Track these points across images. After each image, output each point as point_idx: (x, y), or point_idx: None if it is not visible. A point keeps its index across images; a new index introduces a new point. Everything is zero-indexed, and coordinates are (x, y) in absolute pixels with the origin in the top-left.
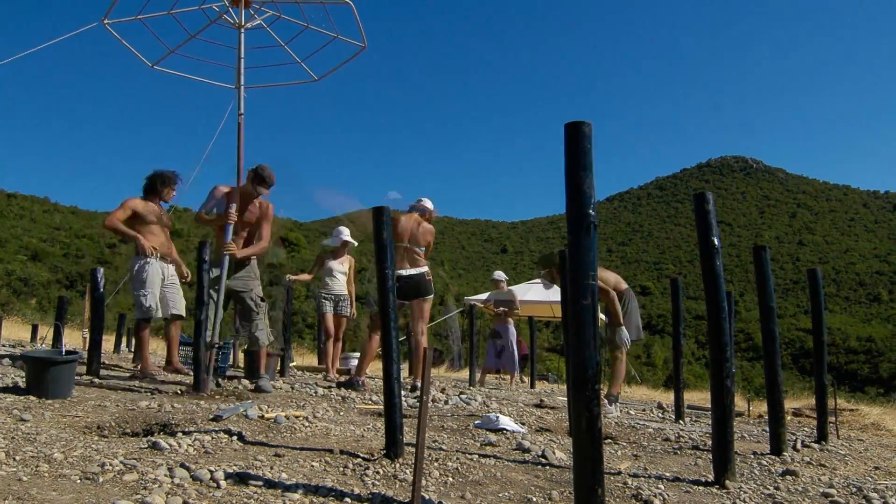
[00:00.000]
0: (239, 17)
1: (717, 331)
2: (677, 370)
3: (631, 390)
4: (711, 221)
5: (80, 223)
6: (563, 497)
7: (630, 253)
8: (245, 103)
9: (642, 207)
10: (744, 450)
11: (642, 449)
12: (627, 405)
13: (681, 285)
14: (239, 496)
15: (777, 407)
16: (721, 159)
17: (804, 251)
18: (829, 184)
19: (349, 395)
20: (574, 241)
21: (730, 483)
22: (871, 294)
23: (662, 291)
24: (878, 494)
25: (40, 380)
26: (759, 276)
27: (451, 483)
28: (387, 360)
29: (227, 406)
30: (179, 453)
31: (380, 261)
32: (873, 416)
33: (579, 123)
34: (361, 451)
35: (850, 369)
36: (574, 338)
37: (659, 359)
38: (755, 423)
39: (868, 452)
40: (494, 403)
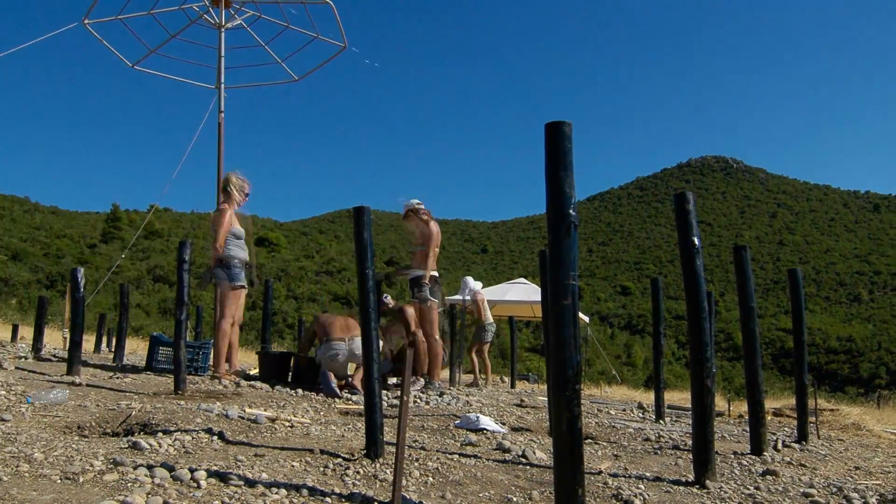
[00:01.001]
0: (219, 17)
1: (698, 331)
2: (657, 370)
3: (611, 390)
4: (692, 221)
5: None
6: (544, 497)
7: (610, 253)
8: (225, 103)
9: (623, 207)
10: (724, 450)
11: (623, 449)
12: (608, 405)
13: (661, 285)
14: (219, 496)
15: (757, 407)
16: (702, 159)
17: (784, 251)
18: (809, 184)
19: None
20: (554, 241)
21: (710, 483)
22: (851, 294)
23: (643, 291)
24: (858, 494)
25: None
26: (739, 276)
27: (431, 483)
28: (367, 360)
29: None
30: (160, 453)
31: (360, 260)
32: (854, 416)
33: (559, 123)
34: (342, 451)
35: (830, 369)
36: (554, 338)
37: (639, 359)
38: (735, 423)
39: (848, 452)
40: (475, 403)
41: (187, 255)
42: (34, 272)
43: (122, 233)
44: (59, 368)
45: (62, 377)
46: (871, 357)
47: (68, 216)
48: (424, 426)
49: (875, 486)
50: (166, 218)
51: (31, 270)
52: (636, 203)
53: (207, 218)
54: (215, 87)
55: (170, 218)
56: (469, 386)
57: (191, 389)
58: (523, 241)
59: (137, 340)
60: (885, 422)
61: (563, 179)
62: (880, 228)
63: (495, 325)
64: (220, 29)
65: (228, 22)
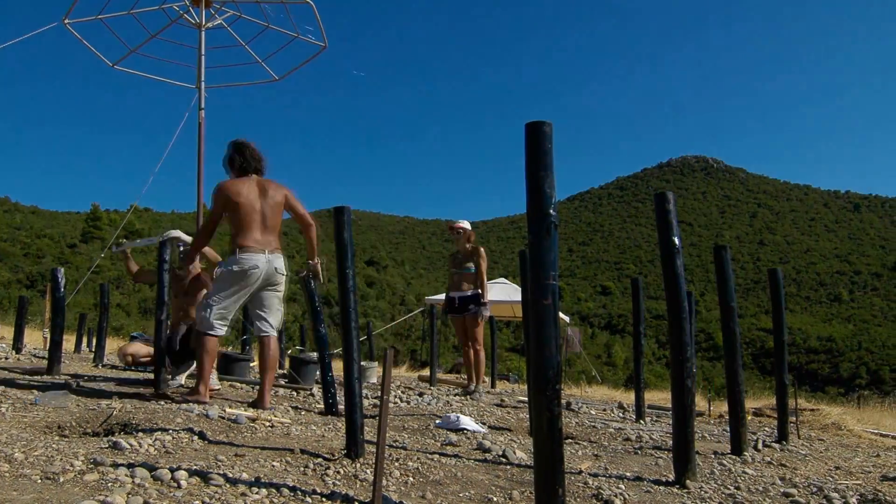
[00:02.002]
0: (199, 16)
1: (678, 330)
2: (638, 370)
3: (591, 390)
4: (672, 221)
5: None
6: (524, 497)
7: (590, 253)
8: (206, 103)
9: (603, 207)
10: (704, 449)
11: (603, 449)
12: (588, 405)
13: (641, 285)
14: (200, 496)
15: (738, 406)
16: (682, 159)
17: (765, 251)
18: (789, 184)
19: (309, 394)
20: (534, 241)
21: (690, 483)
22: (831, 294)
23: (623, 291)
24: (838, 494)
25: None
26: (719, 275)
27: (411, 483)
28: (347, 360)
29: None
30: (140, 453)
31: (340, 260)
32: (834, 415)
33: (540, 123)
34: (322, 451)
35: (810, 369)
36: (535, 338)
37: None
38: (716, 423)
39: (829, 452)
40: (455, 403)
41: (167, 255)
42: (14, 272)
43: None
44: (41, 368)
45: (43, 377)
46: (852, 357)
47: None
48: (405, 426)
49: (855, 486)
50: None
51: (12, 270)
52: (616, 203)
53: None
54: (195, 87)
55: (150, 218)
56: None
57: (171, 389)
58: (504, 240)
59: (118, 340)
60: (865, 422)
61: (543, 179)
62: (860, 228)
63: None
64: (200, 28)
65: (209, 21)
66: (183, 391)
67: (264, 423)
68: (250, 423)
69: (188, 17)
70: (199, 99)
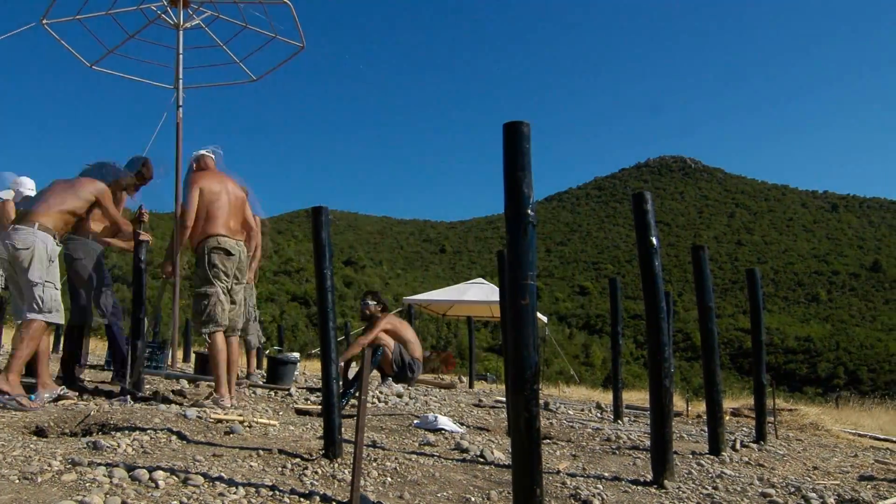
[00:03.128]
0: (177, 17)
1: (656, 330)
2: (616, 370)
3: (569, 390)
4: (650, 221)
5: None
6: (502, 497)
7: (568, 253)
8: (184, 103)
9: (581, 207)
10: (683, 449)
11: (581, 449)
12: (566, 405)
13: (619, 285)
14: (178, 496)
15: (716, 407)
16: (660, 159)
17: (743, 251)
18: (767, 184)
19: (287, 394)
20: (512, 241)
21: (668, 483)
22: (809, 294)
23: (601, 291)
24: (816, 494)
25: None
26: (697, 275)
27: (389, 483)
28: (325, 360)
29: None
30: (118, 453)
31: (318, 260)
32: (812, 416)
33: (518, 123)
34: (300, 451)
35: (788, 369)
36: (513, 338)
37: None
38: (694, 423)
39: (807, 452)
40: (433, 404)
41: (143, 255)
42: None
43: None
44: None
45: (22, 377)
46: (830, 357)
47: None
48: (383, 426)
49: (833, 486)
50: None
51: None
52: (594, 203)
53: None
54: (173, 87)
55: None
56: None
57: (149, 389)
58: (481, 240)
59: (96, 340)
60: (843, 422)
61: (521, 179)
62: (838, 228)
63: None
64: (178, 29)
65: (187, 22)
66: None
67: (243, 423)
68: (228, 422)
69: (166, 18)
70: (178, 99)
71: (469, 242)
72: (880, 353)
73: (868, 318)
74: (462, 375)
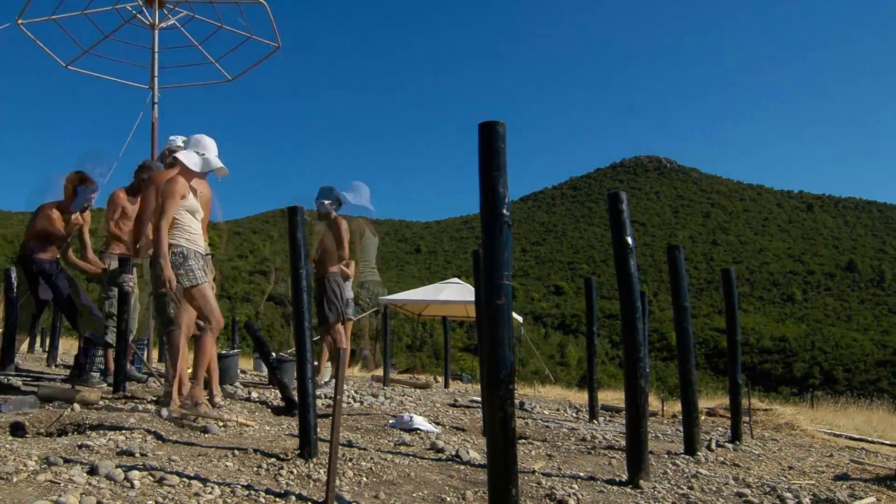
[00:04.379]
0: (153, 16)
1: (631, 330)
2: (591, 370)
3: (545, 390)
4: (625, 221)
5: None
6: (478, 497)
7: (544, 253)
8: (159, 103)
9: (556, 207)
10: (658, 449)
11: (556, 448)
12: (542, 405)
13: (595, 285)
14: (153, 496)
15: (691, 406)
16: (635, 159)
17: (718, 251)
18: (743, 183)
19: (263, 394)
20: (488, 241)
21: (644, 483)
22: (784, 294)
23: (576, 291)
24: (791, 494)
25: None
26: (672, 275)
27: (365, 483)
28: (301, 360)
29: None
30: (94, 453)
31: (294, 260)
32: (787, 415)
33: (493, 123)
34: (276, 451)
35: (764, 369)
36: (488, 338)
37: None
38: (669, 423)
39: (782, 452)
40: (409, 403)
41: None
42: None
43: None
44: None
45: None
46: (805, 357)
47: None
48: (359, 426)
49: (808, 486)
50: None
51: None
52: (570, 203)
53: None
54: (149, 87)
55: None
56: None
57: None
58: (457, 240)
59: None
60: (818, 422)
61: (496, 179)
62: (813, 228)
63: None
64: (153, 29)
65: (162, 22)
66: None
67: (219, 423)
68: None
69: (141, 18)
70: (153, 99)
71: (444, 242)
72: (855, 352)
73: (843, 318)
74: (437, 375)
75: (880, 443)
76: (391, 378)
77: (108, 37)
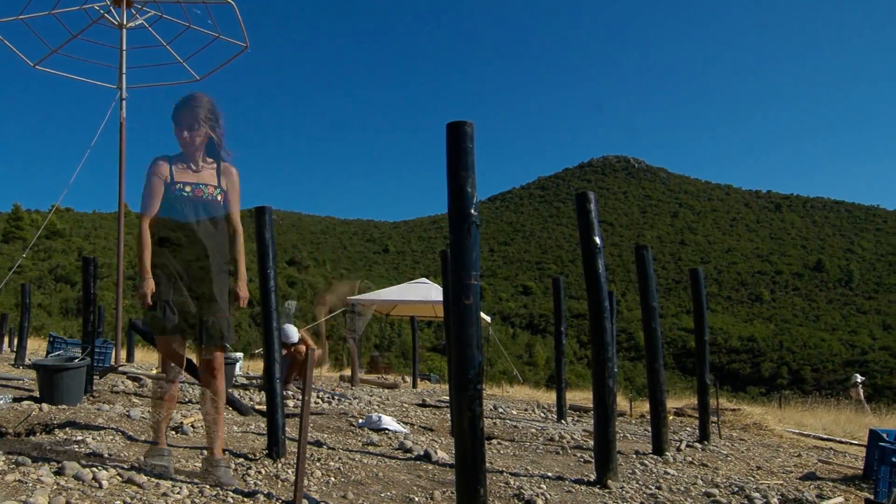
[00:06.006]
0: (121, 16)
1: (599, 330)
2: (559, 370)
3: (513, 390)
4: (593, 221)
5: None
6: (446, 497)
7: (512, 252)
8: (127, 103)
9: (524, 207)
10: (626, 449)
11: (525, 448)
12: (510, 405)
13: (563, 285)
14: (121, 496)
15: (659, 406)
16: (603, 159)
17: (686, 251)
18: (711, 183)
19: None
20: (456, 241)
21: (612, 483)
22: (752, 294)
23: (544, 291)
24: (759, 494)
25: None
26: (640, 275)
27: (333, 483)
28: (268, 360)
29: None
30: (62, 453)
31: (262, 260)
32: (755, 415)
33: (461, 123)
34: (244, 451)
35: (732, 369)
36: (456, 338)
37: (541, 358)
38: (637, 423)
39: (750, 452)
40: (377, 404)
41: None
42: None
43: (23, 232)
44: None
45: None
46: (773, 357)
47: None
48: (327, 426)
49: (776, 486)
50: (68, 218)
51: None
52: (538, 203)
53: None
54: (117, 87)
55: (71, 218)
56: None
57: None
58: (425, 240)
59: (39, 340)
60: (786, 422)
61: (464, 179)
62: (781, 228)
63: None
64: (121, 28)
65: (130, 21)
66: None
67: (189, 423)
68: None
69: (109, 18)
70: (121, 99)
71: (412, 242)
72: (823, 352)
73: (811, 318)
74: (406, 375)
75: (848, 442)
76: (359, 378)
77: (76, 37)
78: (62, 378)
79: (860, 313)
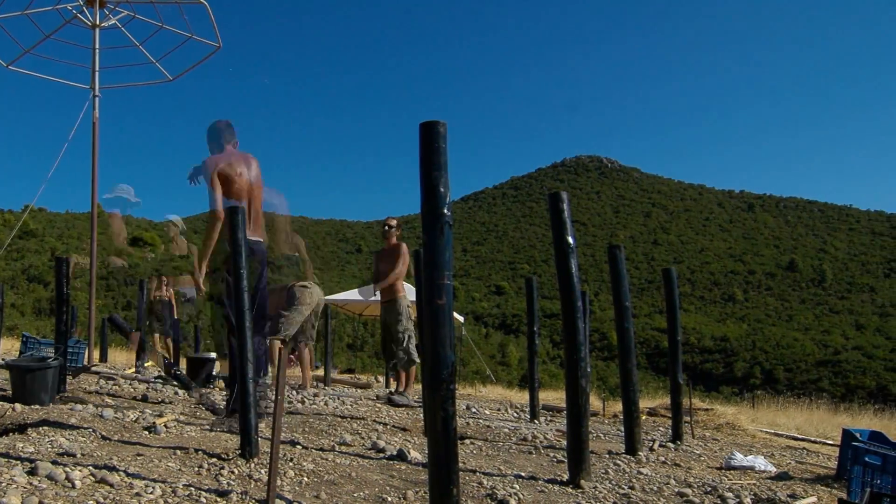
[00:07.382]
0: (94, 16)
1: (572, 330)
2: (532, 369)
3: (486, 390)
4: (566, 221)
5: None
6: (419, 497)
7: (485, 252)
8: (100, 103)
9: (497, 207)
10: (599, 449)
11: (498, 448)
12: (483, 404)
13: (535, 284)
14: (94, 496)
15: (632, 406)
16: (576, 159)
17: (659, 250)
18: (683, 183)
19: (204, 394)
20: (429, 241)
21: (585, 483)
22: (725, 294)
23: (517, 291)
24: (732, 494)
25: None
26: (613, 275)
27: (306, 483)
28: (241, 360)
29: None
30: (35, 453)
31: (235, 261)
32: (728, 415)
33: (434, 123)
34: (217, 451)
35: (704, 369)
36: (429, 337)
37: (514, 358)
38: (610, 423)
39: (723, 452)
40: (349, 403)
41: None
42: None
43: None
44: None
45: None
46: (746, 357)
47: None
48: (300, 426)
49: (749, 486)
50: (41, 218)
51: None
52: (511, 203)
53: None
54: (90, 87)
55: (45, 218)
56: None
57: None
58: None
59: (12, 340)
60: (759, 421)
61: (437, 179)
62: (754, 228)
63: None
64: (94, 29)
65: (103, 21)
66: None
67: (163, 423)
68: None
69: (82, 18)
70: (94, 99)
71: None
72: (796, 352)
73: (784, 318)
74: (378, 375)
75: (821, 442)
76: (332, 378)
77: (49, 37)
78: (35, 378)
79: (833, 313)
